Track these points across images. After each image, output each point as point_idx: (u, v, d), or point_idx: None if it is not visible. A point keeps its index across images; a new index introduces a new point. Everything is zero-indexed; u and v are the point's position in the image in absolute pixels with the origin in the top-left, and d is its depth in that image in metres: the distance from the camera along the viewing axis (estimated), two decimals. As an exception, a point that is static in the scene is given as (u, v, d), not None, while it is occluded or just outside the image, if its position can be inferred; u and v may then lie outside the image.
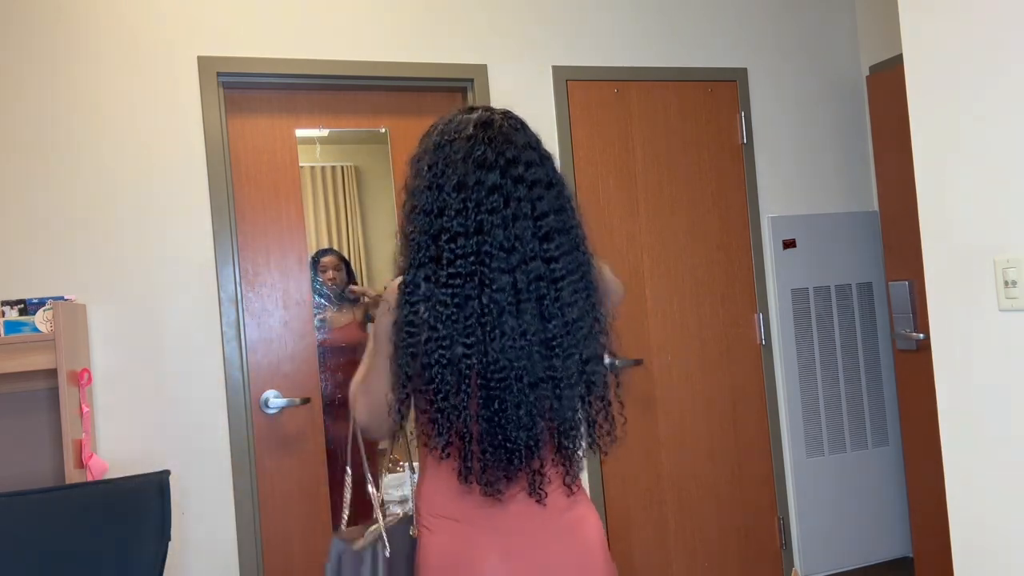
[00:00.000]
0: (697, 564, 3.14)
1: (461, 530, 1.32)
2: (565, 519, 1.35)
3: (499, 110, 1.36)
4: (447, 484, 1.32)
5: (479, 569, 1.29)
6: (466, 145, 1.28)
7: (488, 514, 1.31)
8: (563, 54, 3.04)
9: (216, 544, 2.53)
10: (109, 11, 2.53)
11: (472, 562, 1.30)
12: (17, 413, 2.34)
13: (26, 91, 2.43)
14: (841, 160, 3.46)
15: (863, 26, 3.50)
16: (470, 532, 1.31)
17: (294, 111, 2.78)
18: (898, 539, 3.41)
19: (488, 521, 1.31)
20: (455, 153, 1.28)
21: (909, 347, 3.12)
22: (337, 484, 2.78)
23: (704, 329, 3.20)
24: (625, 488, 3.04)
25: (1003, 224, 1.71)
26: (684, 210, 3.19)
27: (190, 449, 2.52)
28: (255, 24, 2.67)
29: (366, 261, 3.10)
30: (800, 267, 3.33)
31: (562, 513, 1.35)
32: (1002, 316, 1.72)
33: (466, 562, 1.30)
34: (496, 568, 1.29)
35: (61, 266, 2.43)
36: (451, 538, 1.32)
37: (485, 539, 1.31)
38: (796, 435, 3.29)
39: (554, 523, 1.34)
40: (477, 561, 1.29)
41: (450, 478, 1.30)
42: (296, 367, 2.71)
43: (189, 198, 2.57)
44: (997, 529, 1.76)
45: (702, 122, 3.24)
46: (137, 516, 1.90)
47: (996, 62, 1.70)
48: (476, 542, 1.30)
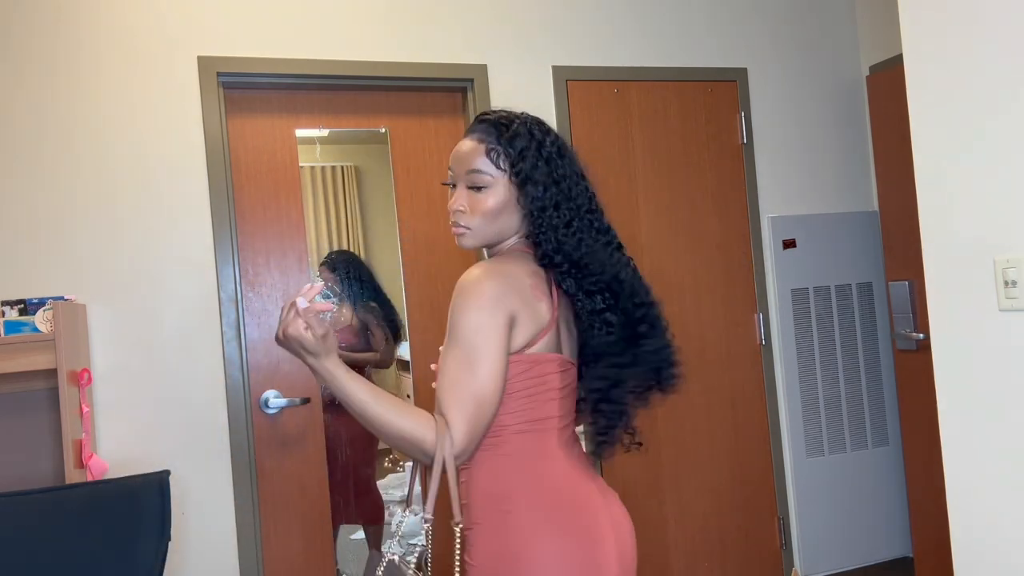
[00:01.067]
0: (697, 564, 3.14)
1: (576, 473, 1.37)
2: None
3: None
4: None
5: (596, 503, 1.35)
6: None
7: (586, 463, 1.41)
8: (563, 54, 3.04)
9: (216, 544, 2.53)
10: (109, 11, 2.53)
11: (590, 495, 1.36)
12: (17, 413, 2.34)
13: (26, 91, 2.43)
14: (841, 160, 3.46)
15: (863, 26, 3.50)
16: (579, 472, 1.38)
17: (294, 111, 2.78)
18: (898, 539, 3.41)
19: (588, 468, 1.41)
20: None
21: (909, 347, 3.12)
22: (345, 486, 2.78)
23: (704, 329, 3.20)
24: (625, 488, 3.04)
25: (1003, 224, 1.71)
26: (684, 210, 3.19)
27: (190, 449, 2.52)
28: (255, 24, 2.67)
29: (366, 261, 3.10)
30: (800, 267, 3.33)
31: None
32: (1002, 316, 1.72)
33: (584, 495, 1.35)
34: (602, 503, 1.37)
35: (61, 266, 2.43)
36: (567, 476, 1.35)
37: (592, 483, 1.39)
38: (796, 435, 3.29)
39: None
40: (594, 495, 1.36)
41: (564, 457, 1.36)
42: (296, 367, 2.71)
43: (189, 198, 2.57)
44: (997, 529, 1.76)
45: (702, 122, 3.24)
46: (137, 516, 1.90)
47: (996, 62, 1.70)
48: (586, 482, 1.37)
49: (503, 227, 1.39)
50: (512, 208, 1.37)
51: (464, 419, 1.21)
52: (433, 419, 1.22)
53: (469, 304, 1.25)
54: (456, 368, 1.23)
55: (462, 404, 1.22)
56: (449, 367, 1.24)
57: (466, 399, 1.22)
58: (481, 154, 1.36)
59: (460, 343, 1.24)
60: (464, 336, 1.24)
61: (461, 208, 1.37)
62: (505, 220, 1.38)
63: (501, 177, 1.36)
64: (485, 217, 1.36)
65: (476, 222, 1.36)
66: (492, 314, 1.25)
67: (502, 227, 1.38)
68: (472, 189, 1.37)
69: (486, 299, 1.25)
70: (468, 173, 1.36)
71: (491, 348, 1.24)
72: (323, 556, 2.71)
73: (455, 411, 1.22)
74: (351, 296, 2.92)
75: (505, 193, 1.36)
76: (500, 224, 1.38)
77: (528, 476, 1.32)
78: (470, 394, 1.22)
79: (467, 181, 1.37)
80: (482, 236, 1.38)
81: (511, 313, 1.27)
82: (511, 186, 1.36)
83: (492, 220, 1.37)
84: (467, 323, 1.24)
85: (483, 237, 1.39)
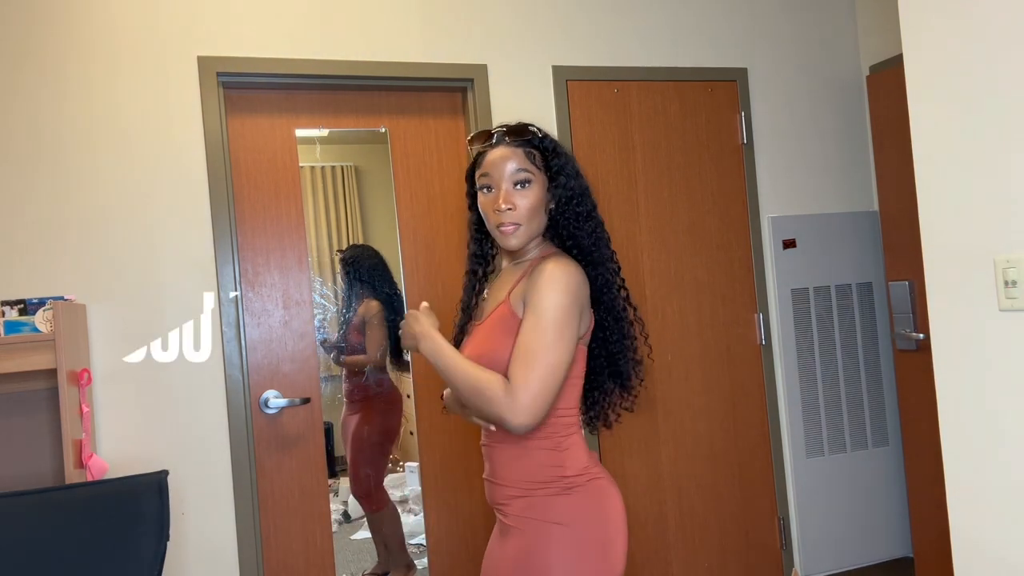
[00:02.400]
0: (697, 564, 3.14)
1: (606, 482, 1.54)
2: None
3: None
4: (582, 447, 1.52)
5: (623, 509, 1.53)
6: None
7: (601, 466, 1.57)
8: (563, 54, 3.04)
9: (216, 544, 2.53)
10: (109, 11, 2.53)
11: (619, 500, 1.53)
12: (17, 413, 2.34)
13: (25, 91, 2.43)
14: (841, 160, 3.46)
15: (863, 26, 3.50)
16: (611, 482, 1.54)
17: (294, 111, 2.78)
18: (898, 539, 3.41)
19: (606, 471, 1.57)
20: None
21: (909, 347, 3.12)
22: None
23: (704, 329, 3.20)
24: (625, 488, 3.04)
25: (1003, 224, 1.71)
26: (684, 210, 3.19)
27: (190, 449, 2.52)
28: (255, 24, 2.67)
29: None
30: (800, 267, 3.33)
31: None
32: (1002, 316, 1.72)
33: (617, 502, 1.52)
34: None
35: (61, 266, 2.43)
36: (610, 486, 1.53)
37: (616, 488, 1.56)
38: (796, 435, 3.29)
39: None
40: (620, 499, 1.53)
41: (582, 442, 1.52)
42: (296, 367, 2.71)
43: (189, 198, 2.57)
44: (997, 529, 1.76)
45: (702, 122, 3.24)
46: (137, 516, 1.90)
47: (996, 62, 1.70)
48: (615, 490, 1.54)
49: (538, 226, 1.53)
50: (543, 206, 1.53)
51: (534, 382, 1.36)
52: (504, 379, 1.40)
53: (557, 287, 1.40)
54: (536, 340, 1.38)
55: (535, 371, 1.37)
56: (529, 338, 1.39)
57: (539, 368, 1.37)
58: (520, 155, 1.51)
59: (542, 320, 1.39)
60: (548, 314, 1.39)
61: (510, 207, 1.49)
62: (541, 218, 1.53)
63: (538, 174, 1.52)
64: (530, 212, 1.50)
65: (524, 218, 1.50)
66: (574, 301, 1.41)
67: (538, 225, 1.53)
68: (517, 187, 1.50)
69: (571, 286, 1.41)
70: (515, 172, 1.50)
71: (568, 330, 1.40)
72: (323, 556, 2.71)
73: (527, 374, 1.37)
74: (369, 292, 2.91)
75: (541, 190, 1.52)
76: (538, 221, 1.53)
77: (573, 452, 1.49)
78: (544, 364, 1.37)
79: (513, 179, 1.50)
80: (527, 233, 1.51)
81: (583, 304, 1.45)
82: (543, 183, 1.52)
83: (534, 216, 1.51)
84: (552, 303, 1.40)
85: (528, 234, 1.52)
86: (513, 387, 1.36)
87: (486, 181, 1.53)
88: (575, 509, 1.44)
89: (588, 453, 1.51)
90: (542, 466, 1.46)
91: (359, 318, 2.92)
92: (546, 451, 1.46)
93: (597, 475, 1.50)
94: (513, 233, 1.49)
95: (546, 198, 1.53)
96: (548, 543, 1.41)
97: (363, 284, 2.93)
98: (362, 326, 2.93)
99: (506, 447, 1.49)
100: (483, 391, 1.38)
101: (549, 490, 1.45)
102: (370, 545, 2.89)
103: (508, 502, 1.49)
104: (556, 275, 1.41)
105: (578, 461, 1.47)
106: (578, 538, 1.42)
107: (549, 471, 1.45)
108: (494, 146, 1.54)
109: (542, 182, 1.52)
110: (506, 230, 1.49)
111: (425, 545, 2.85)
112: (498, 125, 1.58)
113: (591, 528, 1.44)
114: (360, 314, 2.92)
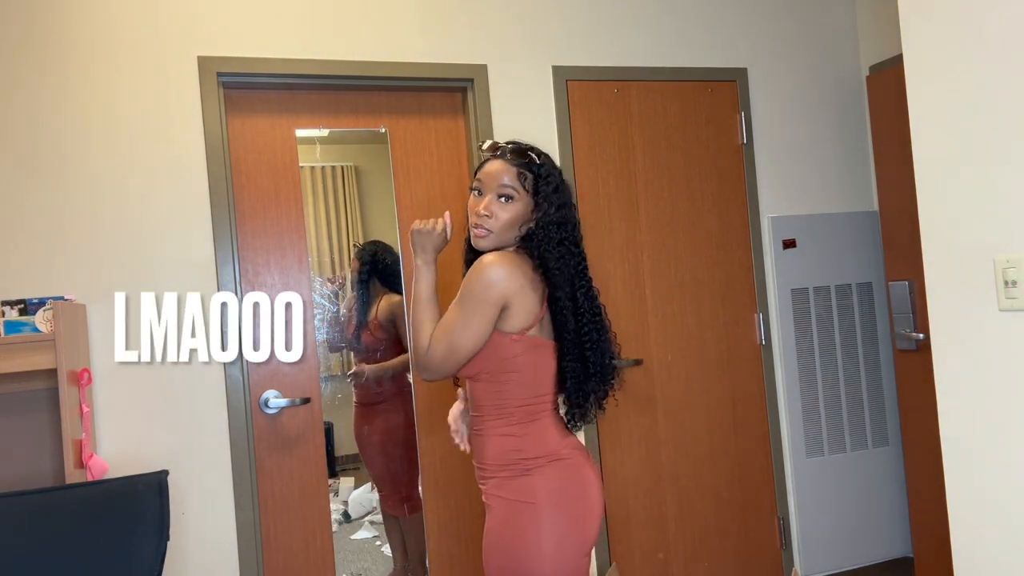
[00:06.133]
0: (697, 564, 3.14)
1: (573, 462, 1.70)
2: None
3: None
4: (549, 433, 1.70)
5: (581, 455, 1.72)
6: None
7: (580, 447, 1.74)
8: (563, 54, 3.04)
9: (216, 544, 2.53)
10: (109, 11, 2.53)
11: (576, 449, 1.72)
12: (17, 413, 2.34)
13: (24, 91, 2.43)
14: (841, 160, 3.46)
15: (863, 26, 3.50)
16: (580, 463, 1.70)
17: (294, 111, 2.78)
18: (898, 539, 3.41)
19: (570, 432, 1.76)
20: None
21: (909, 347, 3.12)
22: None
23: (704, 329, 3.20)
24: (625, 488, 3.04)
25: (1003, 224, 1.71)
26: (684, 210, 3.19)
27: (190, 449, 2.52)
28: (255, 24, 2.67)
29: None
30: (800, 267, 3.33)
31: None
32: (1002, 316, 1.72)
33: (586, 482, 1.69)
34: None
35: (61, 266, 2.43)
36: (576, 467, 1.69)
37: (576, 441, 1.75)
38: (796, 435, 3.29)
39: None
40: (593, 480, 1.70)
41: (549, 428, 1.70)
42: (296, 367, 2.71)
43: (189, 198, 2.57)
44: (997, 529, 1.76)
45: (702, 122, 3.24)
46: (137, 516, 1.90)
47: (995, 62, 1.70)
48: (572, 441, 1.73)
49: (511, 236, 1.71)
50: (519, 223, 1.70)
51: (439, 350, 1.64)
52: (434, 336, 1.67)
53: (476, 276, 1.62)
54: (452, 320, 1.64)
55: (441, 342, 1.64)
56: (448, 316, 1.65)
57: (446, 341, 1.63)
58: (513, 173, 1.69)
59: (461, 304, 1.63)
60: (462, 298, 1.64)
61: (487, 214, 1.68)
62: (513, 232, 1.70)
63: (524, 195, 1.69)
64: (505, 224, 1.68)
65: (497, 227, 1.68)
66: (488, 290, 1.61)
67: (511, 236, 1.70)
68: (501, 199, 1.68)
69: (491, 278, 1.61)
70: (501, 186, 1.68)
71: (478, 315, 1.61)
72: (323, 556, 2.71)
73: (436, 343, 1.65)
74: (387, 288, 2.90)
75: (522, 208, 1.69)
76: (511, 233, 1.70)
77: (533, 438, 1.67)
78: (450, 341, 1.63)
79: (499, 191, 1.68)
80: (496, 241, 1.69)
81: (506, 296, 1.61)
82: (528, 203, 1.69)
83: (508, 228, 1.69)
84: (467, 290, 1.62)
85: (497, 242, 1.70)
86: (429, 347, 1.65)
87: (478, 185, 1.72)
88: (538, 488, 1.63)
89: (559, 439, 1.69)
90: (504, 450, 1.66)
91: (384, 314, 2.89)
92: (504, 436, 1.67)
93: (563, 456, 1.67)
94: (484, 237, 1.69)
95: (526, 217, 1.69)
96: (515, 519, 1.63)
97: (383, 280, 2.91)
98: (389, 322, 2.89)
99: (479, 434, 1.72)
100: (416, 339, 1.68)
101: (511, 471, 1.65)
102: (370, 545, 2.89)
103: (483, 482, 1.72)
104: (480, 266, 1.62)
105: (541, 446, 1.66)
106: (541, 515, 1.61)
107: (511, 455, 1.66)
108: (496, 157, 1.72)
109: (526, 202, 1.69)
110: (478, 232, 1.69)
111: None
112: (509, 140, 1.74)
113: (557, 506, 1.62)
114: (384, 309, 2.89)
